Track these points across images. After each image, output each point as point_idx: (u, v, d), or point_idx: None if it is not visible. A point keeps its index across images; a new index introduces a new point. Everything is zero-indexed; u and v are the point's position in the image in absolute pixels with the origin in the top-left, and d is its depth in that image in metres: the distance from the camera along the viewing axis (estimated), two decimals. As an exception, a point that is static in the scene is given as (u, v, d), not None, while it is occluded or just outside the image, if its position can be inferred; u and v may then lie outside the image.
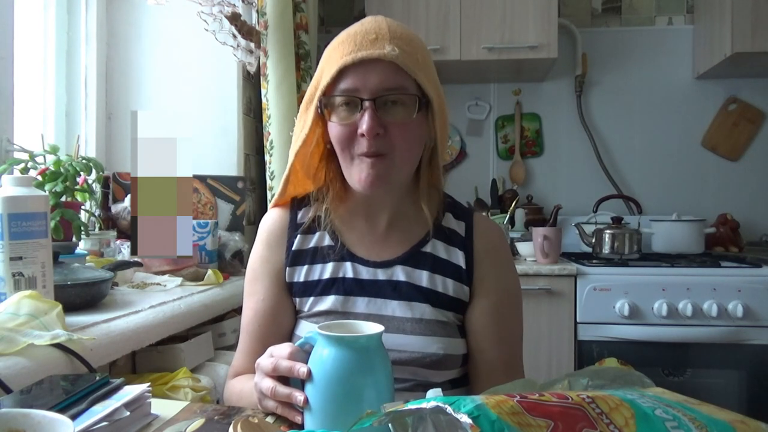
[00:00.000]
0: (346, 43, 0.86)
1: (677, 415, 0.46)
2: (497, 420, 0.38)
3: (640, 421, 0.44)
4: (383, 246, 0.97)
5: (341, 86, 0.86)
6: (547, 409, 0.42)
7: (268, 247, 1.00)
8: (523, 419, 0.40)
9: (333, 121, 0.88)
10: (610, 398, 0.46)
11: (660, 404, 0.47)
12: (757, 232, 2.62)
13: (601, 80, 2.73)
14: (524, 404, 0.41)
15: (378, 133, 0.85)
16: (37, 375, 0.77)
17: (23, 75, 1.58)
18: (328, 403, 0.67)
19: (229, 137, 1.98)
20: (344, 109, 0.87)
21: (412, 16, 2.38)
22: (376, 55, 0.83)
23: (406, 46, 0.86)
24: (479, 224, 0.99)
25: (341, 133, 0.87)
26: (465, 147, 2.81)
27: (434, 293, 0.94)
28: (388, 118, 0.85)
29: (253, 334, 0.99)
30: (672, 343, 2.01)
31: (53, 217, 1.23)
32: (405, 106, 0.86)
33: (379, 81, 0.84)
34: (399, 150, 0.87)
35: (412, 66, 0.85)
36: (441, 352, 0.91)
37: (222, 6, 1.74)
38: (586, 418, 0.42)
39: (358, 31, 0.87)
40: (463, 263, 0.95)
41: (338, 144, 0.89)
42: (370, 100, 0.84)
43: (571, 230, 2.43)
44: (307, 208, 1.01)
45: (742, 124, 2.65)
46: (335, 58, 0.86)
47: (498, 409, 0.40)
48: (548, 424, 0.40)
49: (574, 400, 0.44)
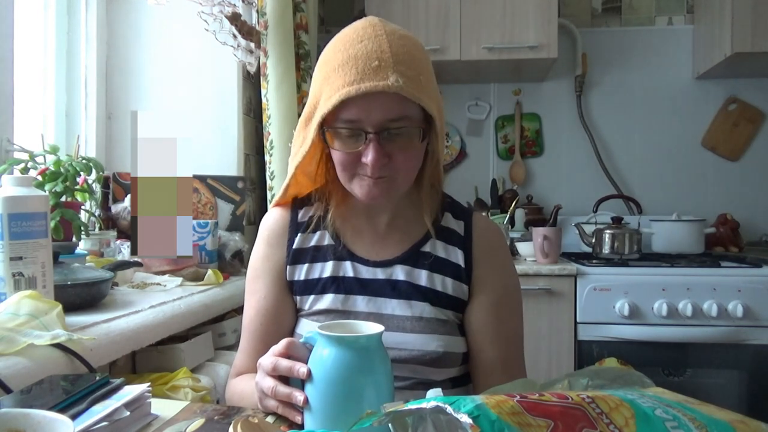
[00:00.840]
0: (346, 67, 0.82)
1: (677, 415, 0.46)
2: (497, 420, 0.38)
3: (640, 421, 0.44)
4: (383, 245, 0.98)
5: (344, 116, 0.84)
6: (547, 409, 0.42)
7: (269, 245, 1.01)
8: (523, 419, 0.40)
9: (335, 147, 0.87)
10: (610, 398, 0.46)
11: (660, 404, 0.47)
12: (757, 232, 2.62)
13: (601, 80, 2.73)
14: (524, 404, 0.41)
15: (383, 164, 0.85)
16: (37, 375, 0.77)
17: (23, 75, 1.58)
18: (328, 403, 0.67)
19: (229, 137, 1.98)
20: (347, 136, 0.85)
21: (412, 16, 2.38)
22: (381, 87, 0.80)
23: (409, 70, 0.83)
24: (478, 224, 1.00)
25: (344, 159, 0.87)
26: (465, 147, 2.81)
27: (433, 292, 0.94)
28: (392, 147, 0.85)
29: (254, 332, 0.99)
30: (672, 343, 2.01)
31: (53, 217, 1.23)
32: (409, 134, 0.85)
33: (383, 113, 0.82)
34: (402, 172, 0.88)
35: (415, 92, 0.82)
36: (441, 350, 0.91)
37: (222, 6, 1.74)
38: (586, 418, 0.42)
39: (360, 53, 0.83)
40: (462, 262, 0.96)
41: (340, 165, 0.89)
42: (374, 133, 0.83)
43: (571, 230, 2.43)
44: (307, 207, 1.02)
45: (742, 124, 2.65)
46: (336, 83, 0.83)
47: (498, 409, 0.40)
48: (548, 424, 0.40)
49: (574, 400, 0.44)
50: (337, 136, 0.86)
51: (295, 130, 0.96)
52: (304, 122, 0.92)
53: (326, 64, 0.87)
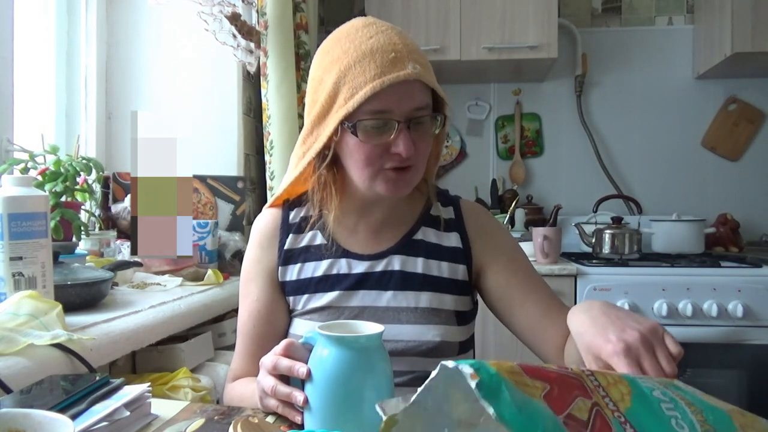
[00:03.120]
0: (364, 63, 0.85)
1: (674, 398, 0.47)
2: (495, 374, 0.41)
3: (636, 398, 0.46)
4: (376, 239, 0.99)
5: (369, 107, 0.85)
6: (545, 374, 0.44)
7: (260, 248, 1.02)
8: (520, 378, 0.42)
9: (363, 140, 0.87)
10: (610, 374, 0.48)
11: (660, 386, 0.48)
12: (757, 232, 2.62)
13: (601, 80, 2.73)
14: (524, 367, 0.44)
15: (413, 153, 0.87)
16: (37, 375, 0.77)
17: (23, 75, 1.58)
18: (327, 404, 0.67)
19: (229, 137, 1.98)
20: (375, 128, 0.86)
21: (412, 16, 2.38)
22: (403, 76, 0.83)
23: (421, 58, 0.88)
24: (466, 207, 1.05)
25: (371, 152, 0.88)
26: (465, 147, 2.81)
27: (431, 277, 0.96)
28: (416, 135, 0.88)
29: (248, 335, 0.99)
30: (672, 343, 2.01)
31: (53, 217, 1.23)
32: (428, 122, 0.89)
33: (410, 102, 0.86)
34: (421, 159, 0.91)
35: (431, 78, 0.87)
36: (437, 339, 0.93)
37: (222, 6, 1.74)
38: (582, 387, 0.45)
39: (374, 49, 0.85)
40: (460, 243, 1.00)
41: (366, 160, 0.89)
42: (404, 121, 0.86)
43: (571, 230, 2.43)
44: (299, 207, 1.03)
45: (742, 124, 2.65)
46: (358, 80, 0.84)
47: (498, 366, 0.42)
48: (544, 386, 0.43)
49: (574, 371, 0.47)
50: (363, 130, 0.86)
51: (302, 133, 0.95)
52: (317, 121, 0.91)
53: (336, 62, 0.87)
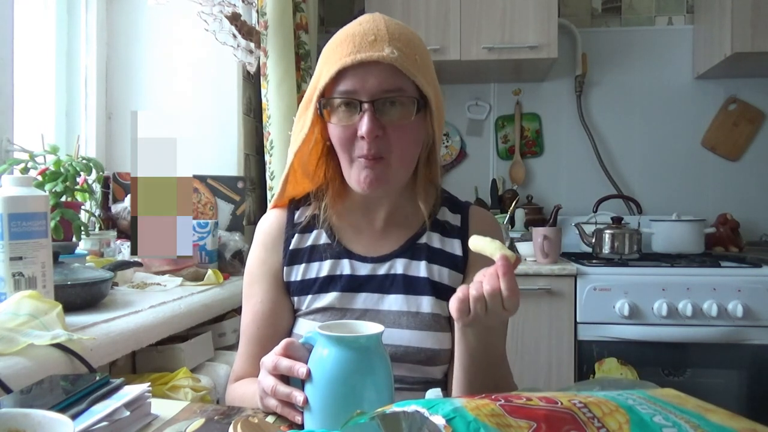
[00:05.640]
0: (344, 43, 0.86)
1: (678, 422, 0.45)
2: (474, 420, 0.38)
3: (635, 426, 0.43)
4: (380, 241, 0.99)
5: (340, 88, 0.86)
6: (531, 412, 0.41)
7: (265, 249, 1.01)
8: (502, 420, 0.39)
9: (332, 122, 0.88)
10: (606, 403, 0.45)
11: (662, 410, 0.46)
12: (757, 232, 2.62)
13: (601, 80, 2.73)
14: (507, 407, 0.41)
15: (377, 135, 0.85)
16: (37, 375, 0.77)
17: (23, 75, 1.58)
18: (327, 404, 0.67)
19: (229, 137, 1.98)
20: (343, 110, 0.87)
21: (412, 16, 2.37)
22: (375, 57, 0.83)
23: (405, 47, 0.86)
24: (475, 215, 1.02)
25: (341, 134, 0.88)
26: (465, 147, 2.81)
27: (432, 283, 0.95)
28: (387, 120, 0.86)
29: (251, 337, 0.99)
30: (672, 343, 2.01)
31: (53, 217, 1.23)
32: (404, 107, 0.86)
33: (378, 83, 0.84)
34: (397, 152, 0.88)
35: (410, 67, 0.85)
36: (437, 347, 0.92)
37: (222, 6, 1.74)
38: (574, 420, 0.42)
39: (357, 31, 0.87)
40: (460, 251, 0.98)
41: (338, 145, 0.90)
42: (369, 102, 0.84)
43: (571, 230, 2.43)
44: (304, 207, 1.02)
45: (742, 124, 2.65)
46: (334, 59, 0.86)
47: (477, 411, 0.39)
48: (530, 425, 0.40)
49: (564, 405, 0.43)
50: (334, 112, 0.87)
51: (295, 118, 0.96)
52: (305, 106, 0.93)
53: (326, 49, 0.90)
